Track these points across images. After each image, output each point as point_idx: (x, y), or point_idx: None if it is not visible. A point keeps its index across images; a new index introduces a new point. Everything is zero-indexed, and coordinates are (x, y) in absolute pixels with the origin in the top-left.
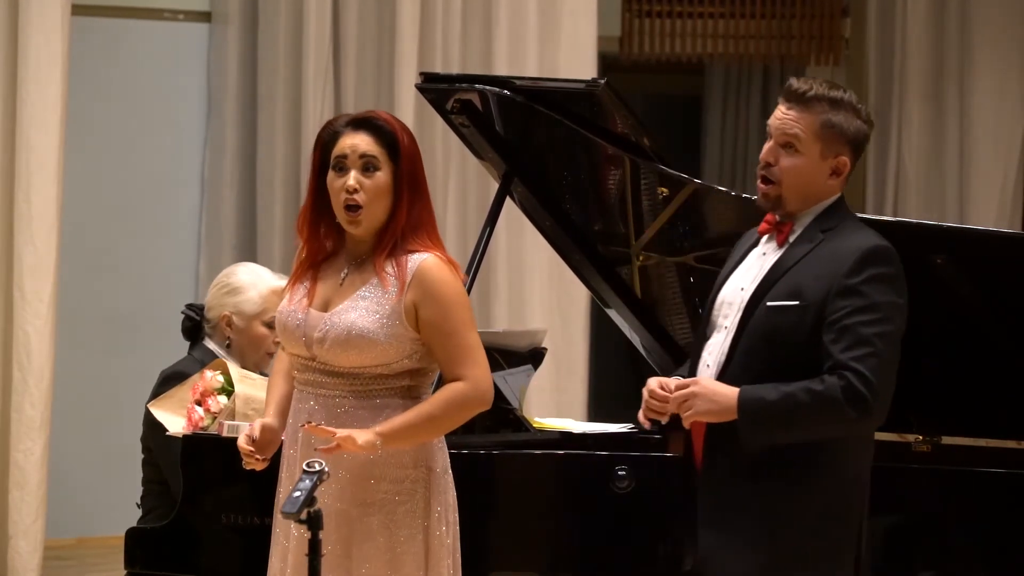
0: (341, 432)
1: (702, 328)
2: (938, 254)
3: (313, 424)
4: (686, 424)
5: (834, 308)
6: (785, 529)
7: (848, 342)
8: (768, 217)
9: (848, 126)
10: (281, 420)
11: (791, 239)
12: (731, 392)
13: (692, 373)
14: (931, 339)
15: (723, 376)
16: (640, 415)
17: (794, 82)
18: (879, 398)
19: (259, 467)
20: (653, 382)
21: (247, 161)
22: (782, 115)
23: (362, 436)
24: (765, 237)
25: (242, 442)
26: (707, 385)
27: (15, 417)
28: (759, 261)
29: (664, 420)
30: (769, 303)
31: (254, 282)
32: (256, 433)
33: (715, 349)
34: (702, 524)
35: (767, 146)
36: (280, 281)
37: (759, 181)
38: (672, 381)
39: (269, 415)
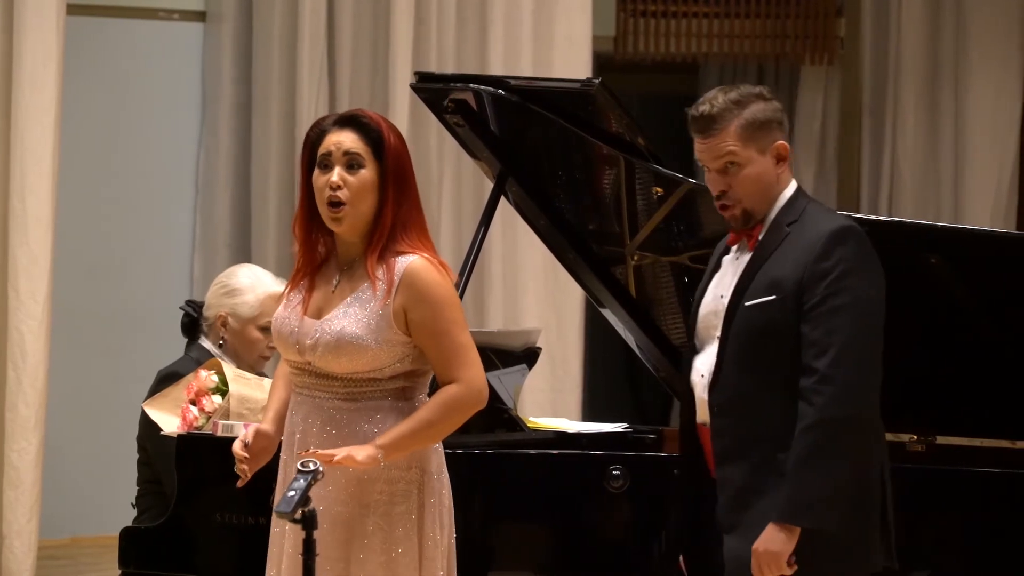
0: (340, 453)
1: (690, 344)
2: (933, 254)
3: (310, 451)
4: None
5: (810, 295)
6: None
7: (818, 334)
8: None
9: (763, 114)
10: (278, 427)
11: (760, 238)
12: (775, 531)
13: (687, 392)
14: (925, 338)
15: (716, 383)
16: None
17: (694, 111)
18: (847, 396)
19: (245, 476)
20: None
21: (242, 161)
22: (704, 145)
23: (362, 452)
24: (736, 245)
25: (236, 447)
26: (761, 549)
27: (9, 417)
28: (735, 267)
29: None
30: (747, 303)
31: (253, 285)
32: (249, 438)
33: (707, 359)
34: (725, 530)
35: (710, 178)
36: (280, 286)
37: (720, 210)
38: None
39: (267, 421)
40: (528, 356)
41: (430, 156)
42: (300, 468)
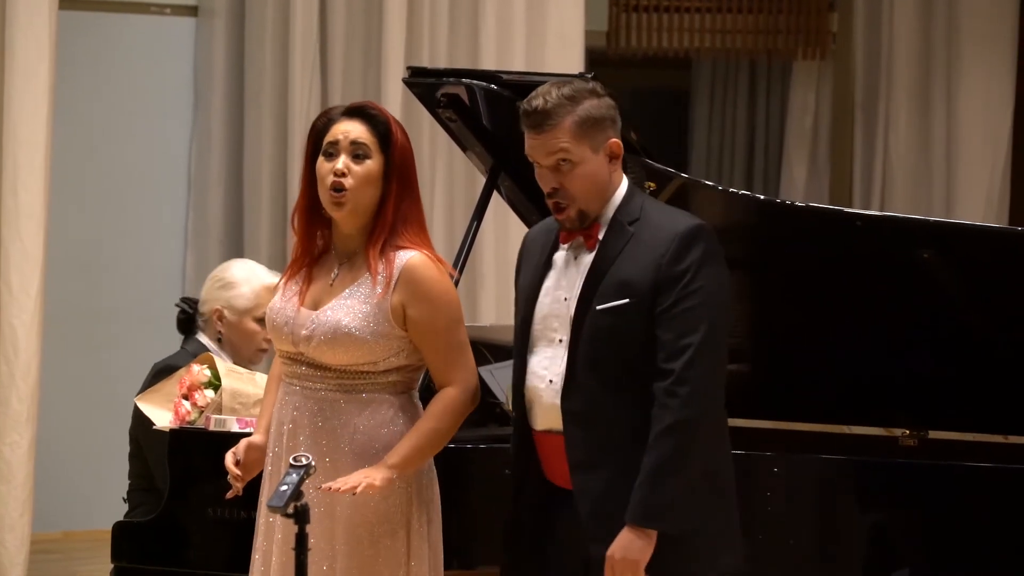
0: (359, 484)
1: (520, 345)
2: (925, 249)
3: (328, 486)
4: None
5: (663, 298)
6: None
7: (671, 336)
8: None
9: (597, 111)
10: (269, 437)
11: (600, 237)
12: (632, 536)
13: (519, 394)
14: (917, 334)
15: (571, 388)
16: None
17: (527, 105)
18: (702, 397)
19: (238, 491)
20: None
21: (234, 155)
22: (536, 141)
23: (378, 477)
24: (567, 244)
25: (228, 462)
26: (618, 556)
27: (2, 411)
28: (573, 268)
29: None
30: (599, 307)
31: (248, 278)
32: (241, 454)
33: (554, 364)
34: (590, 539)
35: (541, 174)
36: (275, 278)
37: (552, 209)
38: None
39: (259, 431)
40: None
41: (422, 151)
42: (292, 463)
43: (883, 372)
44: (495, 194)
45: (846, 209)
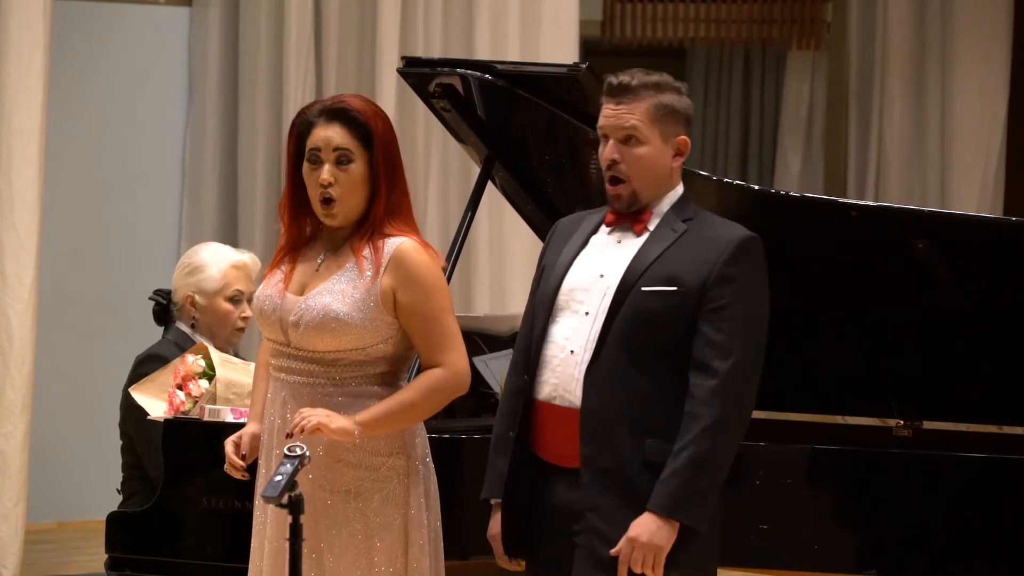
0: (316, 417)
1: (542, 314)
2: (919, 239)
3: (289, 434)
4: None
5: (714, 295)
6: None
7: (722, 337)
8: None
9: (678, 104)
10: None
11: (651, 227)
12: (658, 524)
13: (535, 362)
14: (912, 324)
15: (597, 360)
16: None
17: (613, 78)
18: (745, 401)
19: (236, 475)
20: None
21: (228, 146)
22: (613, 111)
23: (337, 421)
24: (611, 227)
25: (230, 450)
26: (644, 539)
27: None
28: (616, 249)
29: None
30: (644, 288)
31: (214, 260)
32: (246, 448)
33: (576, 335)
34: (588, 508)
35: (608, 146)
36: (241, 256)
37: (608, 183)
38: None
39: (254, 420)
40: (515, 341)
41: (417, 141)
42: (287, 453)
43: (877, 362)
44: (489, 185)
45: (840, 199)
